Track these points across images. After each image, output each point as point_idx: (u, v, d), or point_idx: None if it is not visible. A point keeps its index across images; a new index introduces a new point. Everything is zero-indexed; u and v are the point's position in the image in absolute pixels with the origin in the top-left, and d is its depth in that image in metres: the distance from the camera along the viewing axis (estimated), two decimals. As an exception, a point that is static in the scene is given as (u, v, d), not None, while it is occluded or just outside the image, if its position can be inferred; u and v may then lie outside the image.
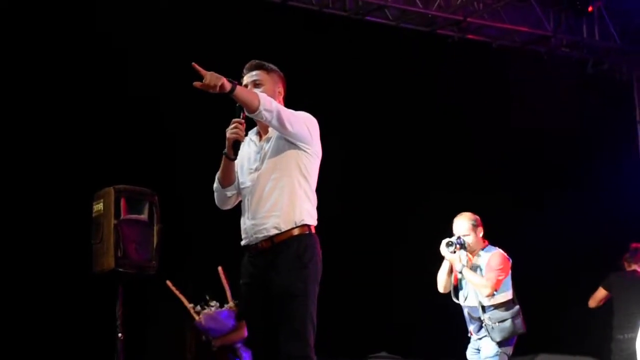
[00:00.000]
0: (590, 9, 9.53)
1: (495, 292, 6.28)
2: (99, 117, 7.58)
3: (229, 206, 4.45)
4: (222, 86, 3.99)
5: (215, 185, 4.41)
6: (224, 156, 4.27)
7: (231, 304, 6.87)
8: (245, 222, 4.30)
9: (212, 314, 6.78)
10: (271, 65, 4.39)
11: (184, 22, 7.87)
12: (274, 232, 4.20)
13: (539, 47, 10.06)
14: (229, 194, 4.39)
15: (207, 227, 7.43)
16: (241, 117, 4.18)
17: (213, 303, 6.84)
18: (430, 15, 9.34)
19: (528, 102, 9.74)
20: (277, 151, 4.25)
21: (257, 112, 4.08)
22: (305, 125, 4.25)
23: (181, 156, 7.70)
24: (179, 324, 6.96)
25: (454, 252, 6.32)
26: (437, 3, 9.27)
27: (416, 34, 9.42)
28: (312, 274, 4.20)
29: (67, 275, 7.16)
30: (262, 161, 4.27)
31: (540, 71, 9.96)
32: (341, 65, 8.69)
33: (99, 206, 6.47)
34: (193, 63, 4.00)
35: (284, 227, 4.20)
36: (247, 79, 4.34)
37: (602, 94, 10.44)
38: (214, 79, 3.98)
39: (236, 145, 4.21)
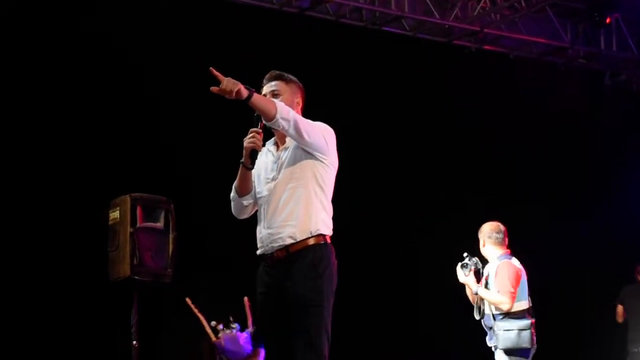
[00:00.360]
0: (607, 20, 9.50)
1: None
2: (115, 125, 7.60)
3: (245, 215, 4.45)
4: (238, 92, 3.99)
5: (232, 194, 4.41)
6: (241, 165, 4.28)
7: (252, 329, 6.84)
8: (261, 231, 4.30)
9: (233, 336, 6.75)
10: (290, 76, 4.40)
11: (205, 35, 7.89)
12: (289, 241, 4.19)
13: (556, 58, 10.04)
14: (245, 203, 4.39)
15: (222, 236, 7.43)
16: (259, 126, 4.19)
17: (234, 325, 6.82)
18: (447, 26, 9.33)
19: (544, 113, 9.72)
20: (294, 161, 4.25)
21: (274, 120, 4.08)
22: (322, 136, 4.25)
23: (197, 164, 7.70)
24: (194, 333, 6.96)
25: (469, 274, 6.33)
26: (454, 14, 9.26)
27: (433, 44, 9.41)
28: (328, 284, 4.19)
29: (83, 283, 7.17)
30: (279, 171, 4.27)
31: (557, 82, 9.94)
32: (358, 75, 8.69)
33: (115, 214, 6.51)
34: (211, 68, 4.01)
35: (300, 237, 4.19)
36: (266, 89, 4.35)
37: (619, 105, 10.41)
38: (230, 84, 3.99)
39: (253, 154, 4.21)
